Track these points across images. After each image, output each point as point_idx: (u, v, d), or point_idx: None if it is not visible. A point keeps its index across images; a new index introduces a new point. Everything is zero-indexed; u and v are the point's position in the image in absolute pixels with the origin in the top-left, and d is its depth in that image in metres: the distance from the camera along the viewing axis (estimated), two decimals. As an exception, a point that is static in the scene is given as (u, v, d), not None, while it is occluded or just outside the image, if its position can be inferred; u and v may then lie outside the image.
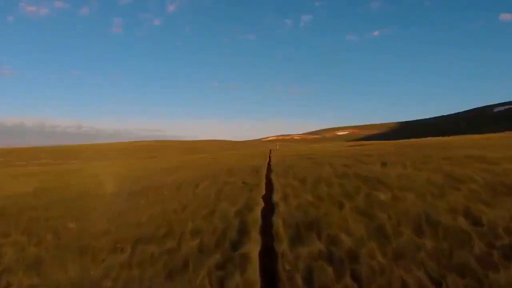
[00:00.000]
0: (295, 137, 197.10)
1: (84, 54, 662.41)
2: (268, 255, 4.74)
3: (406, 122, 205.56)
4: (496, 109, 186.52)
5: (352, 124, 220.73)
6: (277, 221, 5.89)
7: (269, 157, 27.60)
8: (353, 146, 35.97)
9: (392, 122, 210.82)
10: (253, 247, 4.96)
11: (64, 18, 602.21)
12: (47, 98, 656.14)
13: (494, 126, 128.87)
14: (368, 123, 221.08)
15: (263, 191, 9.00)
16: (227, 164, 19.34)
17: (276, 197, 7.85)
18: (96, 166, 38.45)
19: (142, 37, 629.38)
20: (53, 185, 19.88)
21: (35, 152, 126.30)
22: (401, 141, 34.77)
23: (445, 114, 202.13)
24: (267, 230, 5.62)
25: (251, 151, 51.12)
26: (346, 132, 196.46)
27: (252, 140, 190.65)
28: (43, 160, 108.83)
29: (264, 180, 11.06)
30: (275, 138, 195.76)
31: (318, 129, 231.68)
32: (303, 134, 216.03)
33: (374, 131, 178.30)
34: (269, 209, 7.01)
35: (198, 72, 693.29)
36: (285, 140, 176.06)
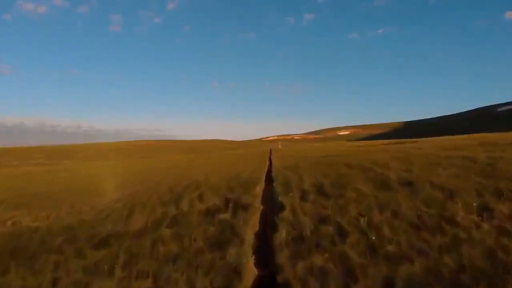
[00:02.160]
0: (295, 137, 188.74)
1: (84, 53, 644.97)
2: None
3: (408, 122, 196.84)
4: (499, 109, 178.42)
5: (354, 124, 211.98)
6: None
7: (269, 160, 19.93)
8: (373, 145, 27.74)
9: (395, 122, 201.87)
10: None
11: (63, 16, 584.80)
12: (47, 97, 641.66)
13: (497, 126, 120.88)
14: (369, 123, 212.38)
15: None
16: (196, 176, 11.07)
17: None
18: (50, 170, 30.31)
19: (142, 36, 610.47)
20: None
21: (32, 152, 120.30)
22: (457, 136, 26.22)
23: (447, 114, 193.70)
24: None
25: (250, 151, 42.82)
26: (348, 132, 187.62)
27: (252, 140, 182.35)
28: (39, 160, 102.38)
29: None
30: (275, 138, 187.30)
31: (318, 129, 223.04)
32: (303, 134, 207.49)
33: (377, 131, 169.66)
34: None
35: (198, 71, 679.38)
36: (285, 140, 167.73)
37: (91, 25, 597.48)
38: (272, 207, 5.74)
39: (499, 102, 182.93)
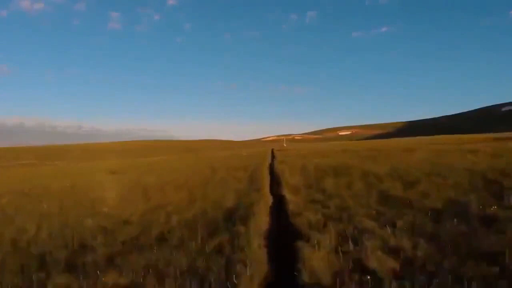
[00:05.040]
0: (296, 137, 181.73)
1: (83, 51, 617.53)
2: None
3: (411, 121, 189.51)
4: (503, 109, 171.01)
5: (354, 124, 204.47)
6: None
7: (271, 179, 10.72)
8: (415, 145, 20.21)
9: (397, 122, 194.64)
10: None
11: (60, 14, 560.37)
12: (46, 97, 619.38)
13: (502, 126, 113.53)
14: (371, 122, 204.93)
15: None
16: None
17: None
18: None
19: (142, 34, 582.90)
20: None
21: (27, 152, 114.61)
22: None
23: (451, 114, 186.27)
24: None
25: (239, 155, 35.65)
26: (349, 132, 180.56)
27: (252, 140, 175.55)
28: (31, 160, 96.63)
29: None
30: (275, 138, 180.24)
31: (318, 129, 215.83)
32: (304, 134, 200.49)
33: (378, 131, 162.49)
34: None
35: (199, 71, 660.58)
36: (286, 140, 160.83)
37: (90, 23, 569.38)
38: None
39: (503, 102, 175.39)
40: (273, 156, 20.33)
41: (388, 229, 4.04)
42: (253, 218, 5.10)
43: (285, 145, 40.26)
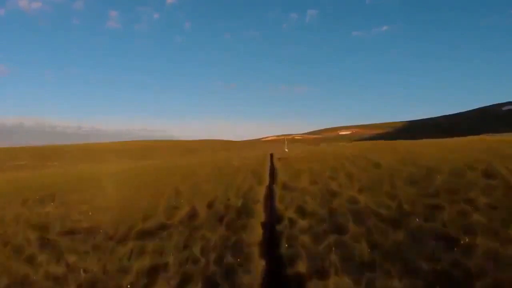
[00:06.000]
0: (296, 137, 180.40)
1: (81, 51, 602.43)
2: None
3: (410, 121, 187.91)
4: (504, 108, 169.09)
5: (354, 124, 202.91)
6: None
7: (269, 214, 8.34)
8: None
9: (397, 122, 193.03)
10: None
11: (59, 13, 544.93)
12: (46, 97, 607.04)
13: (502, 126, 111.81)
14: (370, 122, 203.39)
15: None
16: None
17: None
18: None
19: (141, 33, 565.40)
20: None
21: (26, 152, 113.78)
22: None
23: (451, 114, 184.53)
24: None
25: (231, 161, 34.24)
26: (349, 132, 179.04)
27: (251, 140, 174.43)
28: (27, 161, 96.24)
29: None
30: (275, 137, 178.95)
31: (318, 128, 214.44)
32: (304, 133, 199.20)
33: (379, 131, 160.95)
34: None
35: (199, 70, 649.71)
36: (286, 141, 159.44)
37: (89, 22, 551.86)
38: None
39: (504, 101, 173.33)
40: (272, 169, 14.50)
41: None
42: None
43: (286, 149, 31.85)
